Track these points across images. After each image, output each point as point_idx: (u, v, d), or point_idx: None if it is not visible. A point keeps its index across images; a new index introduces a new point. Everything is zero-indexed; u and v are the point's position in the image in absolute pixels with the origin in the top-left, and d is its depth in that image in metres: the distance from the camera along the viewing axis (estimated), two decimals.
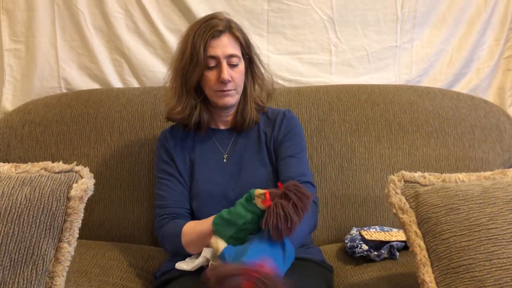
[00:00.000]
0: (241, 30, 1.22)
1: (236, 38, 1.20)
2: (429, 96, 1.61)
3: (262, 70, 1.29)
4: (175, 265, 1.11)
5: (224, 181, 1.20)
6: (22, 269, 0.89)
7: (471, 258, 0.89)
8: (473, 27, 1.76)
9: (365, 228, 1.39)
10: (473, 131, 1.55)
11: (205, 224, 1.06)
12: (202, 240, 1.06)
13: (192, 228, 1.11)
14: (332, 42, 1.75)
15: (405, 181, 1.02)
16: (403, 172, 1.04)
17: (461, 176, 1.02)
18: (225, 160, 1.24)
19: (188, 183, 1.23)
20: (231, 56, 1.18)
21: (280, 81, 1.75)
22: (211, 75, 1.17)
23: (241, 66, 1.21)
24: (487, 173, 1.03)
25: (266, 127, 1.27)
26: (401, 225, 1.00)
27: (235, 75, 1.18)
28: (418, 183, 1.02)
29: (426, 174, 1.03)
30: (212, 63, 1.16)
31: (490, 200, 0.94)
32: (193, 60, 1.15)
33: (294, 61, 1.76)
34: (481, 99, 1.67)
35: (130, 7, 1.70)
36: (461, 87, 1.80)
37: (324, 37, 1.74)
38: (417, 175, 1.03)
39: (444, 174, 1.03)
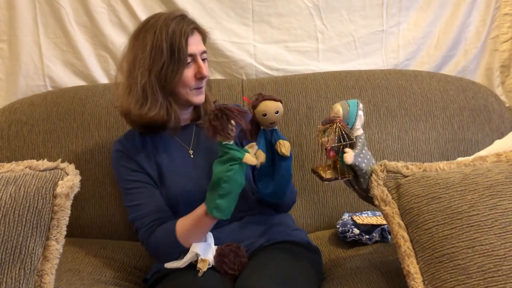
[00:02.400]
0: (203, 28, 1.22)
1: (201, 33, 1.19)
2: (417, 79, 1.61)
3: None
4: (164, 265, 1.12)
5: (197, 176, 1.19)
6: (10, 268, 0.88)
7: (454, 246, 0.89)
8: (459, 8, 1.75)
9: (357, 214, 1.39)
10: (462, 113, 1.56)
11: (198, 210, 1.08)
12: (198, 228, 1.07)
13: (185, 220, 1.10)
14: (318, 29, 1.74)
15: (388, 171, 1.02)
16: (386, 162, 1.03)
17: (442, 164, 1.02)
18: (192, 156, 1.22)
19: (159, 187, 1.20)
20: (204, 52, 1.18)
21: (267, 71, 1.74)
22: (188, 72, 1.15)
23: (207, 62, 1.20)
24: (467, 160, 1.03)
25: None
26: (384, 217, 1.00)
27: (207, 71, 1.18)
28: (400, 173, 1.02)
29: (408, 164, 1.03)
30: (189, 60, 1.14)
31: (470, 186, 0.94)
32: (173, 59, 1.11)
33: (281, 50, 1.75)
34: (469, 80, 1.68)
35: (113, 2, 1.67)
36: (449, 69, 1.80)
37: (310, 24, 1.73)
38: (400, 165, 1.03)
39: (425, 164, 1.03)
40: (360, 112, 1.05)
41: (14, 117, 1.55)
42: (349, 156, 1.00)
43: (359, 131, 1.05)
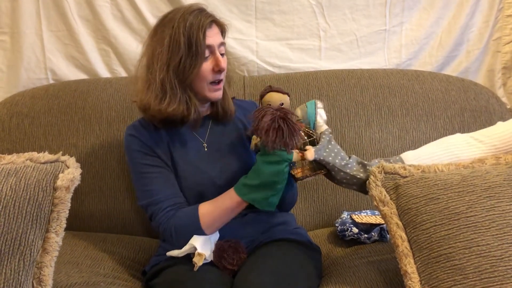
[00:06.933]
0: (222, 21, 1.21)
1: (220, 27, 1.19)
2: (418, 79, 1.61)
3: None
4: (165, 256, 1.12)
5: (209, 169, 1.18)
6: (9, 260, 0.88)
7: (451, 246, 0.90)
8: (462, 10, 1.75)
9: (356, 213, 1.39)
10: (463, 114, 1.56)
11: (227, 200, 1.09)
12: (229, 216, 1.10)
13: (210, 208, 1.10)
14: (321, 27, 1.74)
15: (386, 173, 1.02)
16: (383, 163, 1.04)
17: (440, 166, 1.02)
18: (206, 149, 1.21)
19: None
20: (221, 44, 1.16)
21: (269, 68, 1.74)
22: (205, 65, 1.13)
23: (225, 56, 1.20)
24: (466, 162, 1.03)
25: (239, 114, 1.28)
26: (383, 218, 1.00)
27: (225, 64, 1.17)
28: (398, 174, 1.02)
29: (406, 165, 1.03)
30: (207, 54, 1.13)
31: (468, 188, 0.94)
32: (191, 52, 1.10)
33: (283, 47, 1.75)
34: (470, 81, 1.68)
35: None
36: (451, 70, 1.80)
37: (313, 22, 1.73)
38: (397, 166, 1.03)
39: (423, 165, 1.03)
40: (319, 110, 1.08)
41: (15, 109, 1.55)
42: (309, 153, 1.02)
43: (322, 127, 1.08)
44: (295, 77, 1.61)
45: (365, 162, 1.07)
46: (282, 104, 1.05)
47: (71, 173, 0.97)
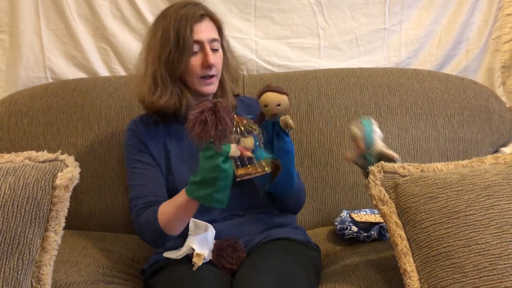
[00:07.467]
0: (217, 16, 1.21)
1: (215, 22, 1.19)
2: (418, 78, 1.61)
3: (229, 55, 1.26)
4: (162, 255, 1.12)
5: None
6: (8, 259, 0.88)
7: (450, 245, 0.90)
8: (461, 8, 1.75)
9: (355, 211, 1.39)
10: (462, 112, 1.56)
11: (179, 197, 1.06)
12: (181, 214, 1.06)
13: (167, 207, 1.08)
14: (320, 26, 1.74)
15: (385, 172, 1.03)
16: (382, 162, 1.04)
17: (440, 165, 1.03)
18: None
19: (165, 175, 1.19)
20: (213, 40, 1.16)
21: (268, 67, 1.74)
22: (195, 60, 1.14)
23: (221, 51, 1.19)
24: (465, 162, 1.03)
25: (240, 110, 1.26)
26: (382, 216, 1.00)
27: (217, 60, 1.16)
28: (398, 173, 1.02)
29: (405, 164, 1.04)
30: (196, 48, 1.13)
31: (467, 187, 0.94)
32: (179, 46, 1.11)
33: (283, 46, 1.75)
34: (470, 80, 1.68)
35: None
36: (451, 69, 1.80)
37: (312, 20, 1.73)
38: (396, 165, 1.03)
39: (423, 164, 1.04)
40: (375, 127, 1.09)
41: (14, 108, 1.55)
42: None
43: (379, 144, 1.09)
44: (294, 76, 1.61)
45: None
46: (279, 105, 1.00)
47: (70, 172, 0.97)
